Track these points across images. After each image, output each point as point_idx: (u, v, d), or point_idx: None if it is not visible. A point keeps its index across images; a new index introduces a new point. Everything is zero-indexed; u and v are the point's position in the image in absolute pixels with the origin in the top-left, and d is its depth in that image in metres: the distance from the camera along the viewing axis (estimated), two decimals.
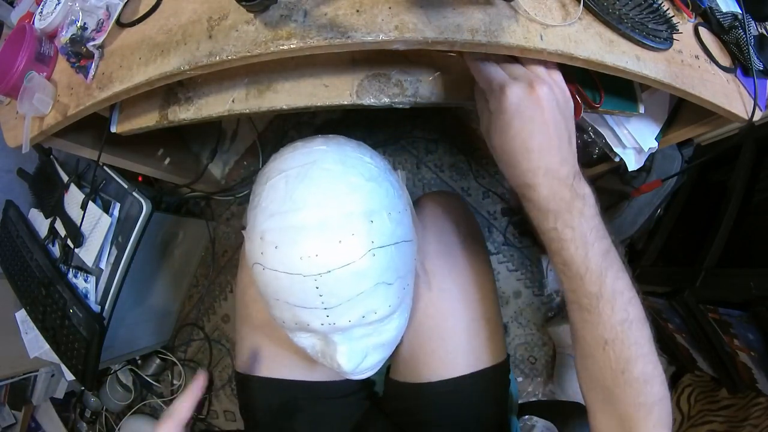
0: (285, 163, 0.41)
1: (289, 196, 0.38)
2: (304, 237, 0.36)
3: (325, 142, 0.43)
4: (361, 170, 0.41)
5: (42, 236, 0.84)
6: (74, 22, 0.57)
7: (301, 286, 0.37)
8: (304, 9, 0.46)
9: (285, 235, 0.37)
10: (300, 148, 0.43)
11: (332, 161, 0.40)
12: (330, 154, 0.41)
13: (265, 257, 0.37)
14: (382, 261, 0.38)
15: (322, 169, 0.39)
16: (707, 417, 0.96)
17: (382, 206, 0.39)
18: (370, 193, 0.39)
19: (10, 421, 1.17)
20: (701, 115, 0.66)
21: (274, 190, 0.39)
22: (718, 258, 0.77)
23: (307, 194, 0.38)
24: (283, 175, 0.40)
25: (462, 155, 1.27)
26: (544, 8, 0.49)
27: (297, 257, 0.36)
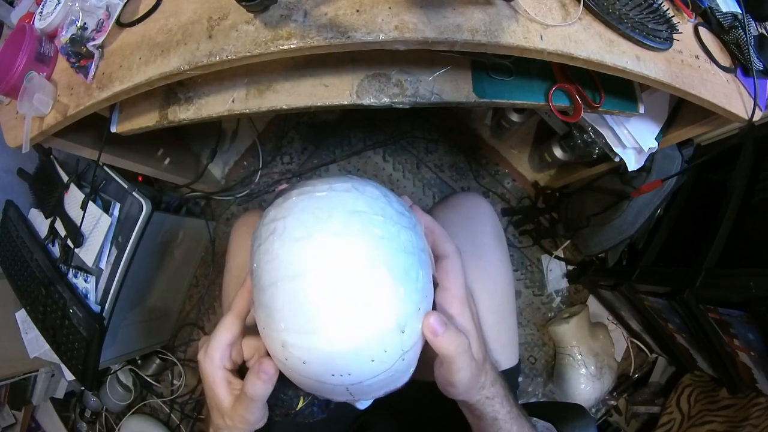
0: (299, 258, 0.33)
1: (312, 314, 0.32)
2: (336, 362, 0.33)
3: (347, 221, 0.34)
4: (391, 268, 0.33)
5: (42, 236, 0.84)
6: (74, 22, 0.57)
7: (332, 390, 0.35)
8: (304, 9, 0.46)
9: (312, 355, 0.33)
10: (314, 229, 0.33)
11: (359, 263, 0.33)
12: (355, 249, 0.33)
13: (291, 364, 0.34)
14: (411, 358, 0.36)
15: (347, 277, 0.32)
16: (707, 417, 0.96)
17: (415, 305, 0.34)
18: (402, 296, 0.33)
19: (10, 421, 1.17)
20: (701, 115, 0.66)
21: (292, 298, 0.33)
22: (718, 258, 0.77)
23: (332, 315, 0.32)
24: (300, 280, 0.33)
25: (462, 155, 1.27)
26: (544, 8, 0.49)
27: (328, 374, 0.33)
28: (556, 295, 1.26)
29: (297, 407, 0.49)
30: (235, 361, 0.40)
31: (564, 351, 1.15)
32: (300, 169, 1.31)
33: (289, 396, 0.48)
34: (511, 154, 1.27)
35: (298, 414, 0.49)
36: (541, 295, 1.25)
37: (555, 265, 1.25)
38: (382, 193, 0.37)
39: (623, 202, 0.93)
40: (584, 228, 1.04)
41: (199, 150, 1.30)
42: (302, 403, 0.49)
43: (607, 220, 0.97)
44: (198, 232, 1.26)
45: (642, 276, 0.92)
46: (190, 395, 1.28)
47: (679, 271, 0.82)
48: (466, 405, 0.41)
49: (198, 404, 1.28)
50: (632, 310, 1.03)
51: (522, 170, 1.27)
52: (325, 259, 0.33)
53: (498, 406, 0.41)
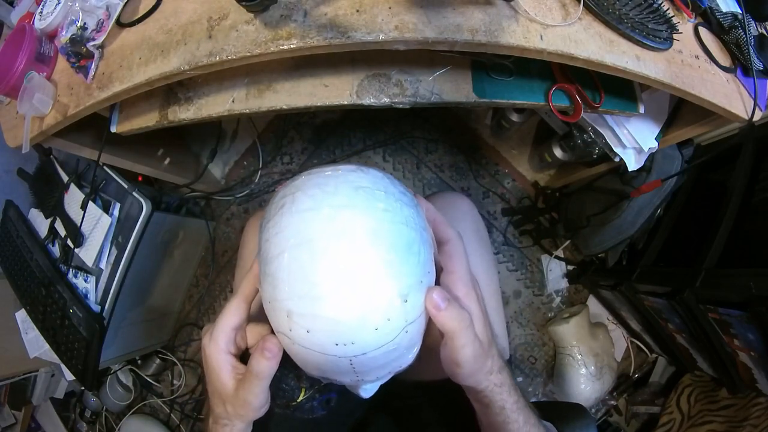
0: (306, 226, 0.34)
1: (318, 280, 0.33)
2: (340, 328, 0.34)
3: (353, 194, 0.36)
4: (394, 239, 0.35)
5: (42, 236, 0.84)
6: (74, 22, 0.57)
7: (335, 363, 0.36)
8: (304, 9, 0.46)
9: (317, 322, 0.34)
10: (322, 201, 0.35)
11: (364, 232, 0.34)
12: (360, 220, 0.34)
13: (295, 335, 0.35)
14: (414, 332, 0.36)
15: (351, 245, 0.34)
16: (707, 417, 0.96)
17: (417, 278, 0.35)
18: (406, 268, 0.35)
19: (10, 421, 1.17)
20: (701, 115, 0.66)
21: (298, 265, 0.34)
22: (718, 258, 0.77)
23: (339, 282, 0.33)
24: (306, 247, 0.34)
25: (462, 155, 1.27)
26: (544, 8, 0.49)
27: (332, 343, 0.34)
28: (556, 295, 1.26)
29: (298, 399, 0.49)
30: (240, 346, 0.40)
31: (564, 351, 1.15)
32: (300, 169, 1.31)
33: (290, 387, 0.48)
34: (511, 154, 1.27)
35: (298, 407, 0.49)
36: (541, 295, 1.25)
37: (555, 265, 1.25)
38: (384, 175, 0.39)
39: (623, 202, 0.93)
40: (584, 228, 1.04)
41: (199, 150, 1.30)
42: (303, 395, 0.49)
43: (607, 220, 0.97)
44: (198, 232, 1.26)
45: (642, 276, 0.92)
46: (190, 395, 1.28)
47: (679, 271, 0.82)
48: (473, 392, 0.41)
49: (198, 404, 1.28)
50: (632, 310, 1.03)
51: (522, 170, 1.27)
52: (331, 228, 0.34)
53: (506, 394, 0.40)
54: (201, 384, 1.28)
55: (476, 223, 0.66)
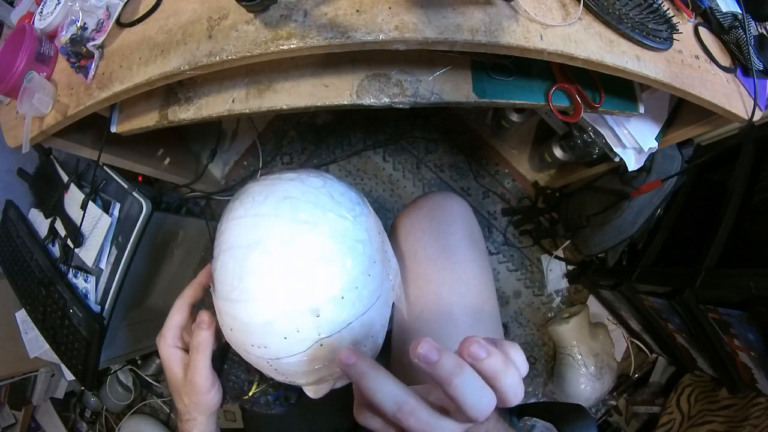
0: (233, 234, 0.38)
1: (236, 283, 0.36)
2: (252, 331, 0.36)
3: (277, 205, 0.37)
4: (311, 252, 0.35)
5: (42, 236, 0.84)
6: (74, 22, 0.57)
7: (257, 362, 0.39)
8: (304, 9, 0.46)
9: (236, 322, 0.37)
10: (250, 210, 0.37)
11: (278, 242, 0.35)
12: (278, 230, 0.36)
13: (225, 330, 0.39)
14: (332, 347, 0.36)
15: (266, 255, 0.35)
16: (707, 417, 0.96)
17: (334, 292, 0.35)
18: (319, 281, 0.35)
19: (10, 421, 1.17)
20: (701, 115, 0.66)
21: (224, 270, 0.37)
22: (718, 258, 0.77)
23: (250, 286, 0.35)
24: (230, 252, 0.37)
25: (462, 155, 1.27)
26: (544, 8, 0.49)
27: (249, 344, 0.37)
28: (556, 295, 1.26)
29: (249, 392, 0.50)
30: (186, 341, 0.45)
31: (564, 351, 1.15)
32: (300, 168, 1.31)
33: (240, 379, 0.49)
34: (511, 154, 1.27)
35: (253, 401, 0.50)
36: (541, 295, 1.25)
37: (555, 265, 1.25)
38: (325, 184, 0.41)
39: (623, 202, 0.93)
40: (584, 228, 1.04)
41: (199, 150, 1.30)
42: (255, 388, 0.50)
43: (607, 220, 0.97)
44: (198, 232, 1.26)
45: (642, 276, 0.92)
46: None
47: (679, 271, 0.82)
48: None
49: None
50: (632, 310, 1.03)
51: (522, 170, 1.27)
52: (251, 236, 0.36)
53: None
54: None
55: (469, 225, 0.64)
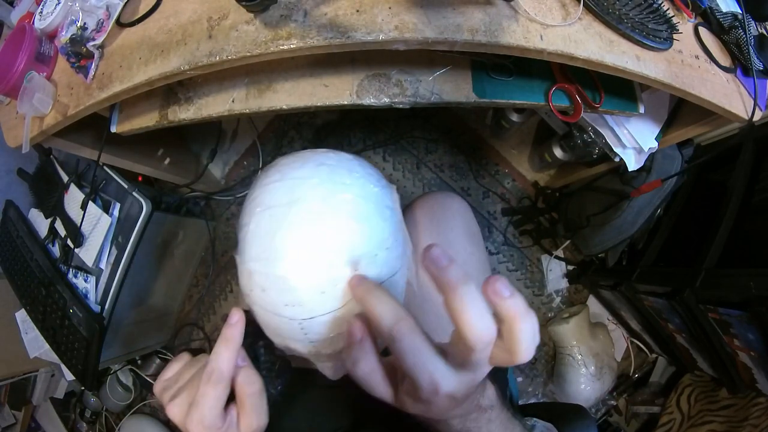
0: (270, 195, 0.38)
1: (272, 241, 0.36)
2: (287, 287, 0.36)
3: (315, 169, 0.39)
4: (349, 209, 0.37)
5: (42, 236, 0.84)
6: (74, 22, 0.57)
7: (288, 326, 0.37)
8: (304, 9, 0.46)
9: (270, 281, 0.36)
10: (288, 174, 0.39)
11: (318, 199, 0.37)
12: (317, 189, 0.37)
13: (254, 295, 0.38)
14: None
15: (307, 211, 0.36)
16: (707, 417, 0.96)
17: (369, 249, 0.37)
18: (357, 237, 0.36)
19: (10, 421, 1.17)
20: (701, 115, 0.66)
21: (258, 229, 0.37)
22: (718, 258, 0.77)
23: (289, 242, 0.35)
24: (267, 212, 0.37)
25: (462, 155, 1.27)
26: (544, 8, 0.49)
27: (282, 303, 0.36)
28: (556, 295, 1.26)
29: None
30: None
31: (564, 351, 1.15)
32: None
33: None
34: (511, 154, 1.27)
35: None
36: (541, 295, 1.25)
37: (555, 265, 1.25)
38: (355, 158, 0.43)
39: (623, 202, 0.93)
40: (584, 228, 1.04)
41: (199, 150, 1.30)
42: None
43: (607, 220, 0.97)
44: (198, 232, 1.26)
45: (642, 276, 0.92)
46: None
47: (679, 271, 0.82)
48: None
49: None
50: (632, 310, 1.03)
51: (522, 170, 1.27)
52: (291, 195, 0.37)
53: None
54: None
55: (468, 224, 0.65)
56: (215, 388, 0.32)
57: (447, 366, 0.27)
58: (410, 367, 0.27)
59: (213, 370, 0.32)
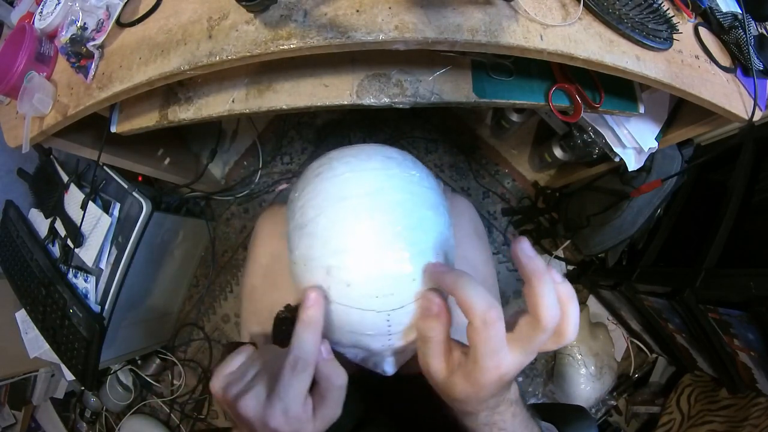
0: (343, 187, 0.36)
1: (358, 231, 0.34)
2: (381, 277, 0.34)
3: (385, 161, 0.39)
4: (425, 197, 0.38)
5: (42, 236, 0.84)
6: (74, 22, 0.57)
7: (372, 320, 0.36)
8: (304, 9, 0.46)
9: (357, 274, 0.34)
10: (358, 166, 0.37)
11: (398, 188, 0.36)
12: (394, 179, 0.37)
13: (334, 292, 0.35)
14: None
15: (389, 200, 0.36)
16: (707, 417, 0.95)
17: (444, 235, 0.38)
18: (434, 223, 0.37)
19: (10, 421, 1.17)
20: (701, 115, 0.66)
21: (338, 221, 0.35)
22: (718, 258, 0.77)
23: (378, 232, 0.34)
24: (345, 204, 0.35)
25: (462, 155, 1.27)
26: (544, 8, 0.49)
27: (372, 296, 0.35)
28: None
29: None
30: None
31: (564, 351, 1.15)
32: (300, 169, 1.31)
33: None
34: (511, 154, 1.27)
35: None
36: None
37: (555, 265, 1.25)
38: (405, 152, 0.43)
39: (623, 202, 0.93)
40: (584, 228, 1.04)
41: (199, 150, 1.30)
42: None
43: (607, 220, 0.97)
44: (198, 232, 1.26)
45: (642, 276, 0.92)
46: (190, 395, 1.28)
47: (679, 271, 0.82)
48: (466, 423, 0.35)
49: (198, 404, 1.28)
50: (632, 310, 1.03)
51: (522, 170, 1.27)
52: (369, 186, 0.36)
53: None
54: (201, 384, 1.28)
55: (474, 222, 0.67)
56: (300, 376, 0.31)
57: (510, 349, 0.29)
58: (488, 351, 0.29)
59: (297, 358, 0.31)
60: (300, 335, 0.32)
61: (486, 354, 0.28)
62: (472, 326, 0.29)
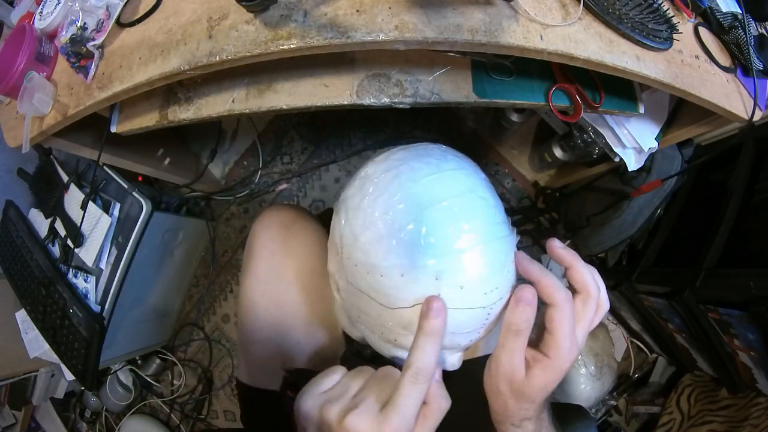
0: (436, 189, 0.36)
1: (462, 233, 0.35)
2: (486, 274, 0.35)
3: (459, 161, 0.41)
4: (491, 190, 0.40)
5: (42, 236, 0.84)
6: (74, 22, 0.57)
7: (475, 317, 0.36)
8: (304, 9, 0.46)
9: (467, 275, 0.35)
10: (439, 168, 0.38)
11: (482, 187, 0.39)
12: (471, 177, 0.39)
13: (447, 296, 0.34)
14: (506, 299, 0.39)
15: (479, 197, 0.37)
16: (707, 417, 0.95)
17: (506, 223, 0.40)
18: (502, 215, 0.40)
19: (10, 421, 1.17)
20: (701, 115, 0.66)
21: (440, 225, 0.35)
22: (718, 258, 0.77)
23: (477, 230, 0.35)
24: (443, 207, 0.35)
25: None
26: (544, 8, 0.49)
27: (482, 293, 0.35)
28: None
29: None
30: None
31: None
32: (300, 169, 1.31)
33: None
34: (511, 154, 1.27)
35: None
36: None
37: (555, 266, 1.25)
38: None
39: (623, 202, 0.93)
40: (584, 228, 1.04)
41: (199, 150, 1.30)
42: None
43: (607, 220, 0.97)
44: (198, 232, 1.26)
45: (642, 276, 0.92)
46: (190, 395, 1.28)
47: (679, 271, 0.82)
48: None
49: (198, 404, 1.28)
50: (632, 310, 1.03)
51: (522, 170, 1.27)
52: (457, 186, 0.37)
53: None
54: (201, 384, 1.28)
55: None
56: (420, 388, 0.29)
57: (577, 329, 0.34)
58: (567, 330, 0.33)
59: (419, 369, 0.30)
60: (423, 346, 0.31)
61: (565, 334, 0.32)
62: (555, 307, 0.33)
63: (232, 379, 1.28)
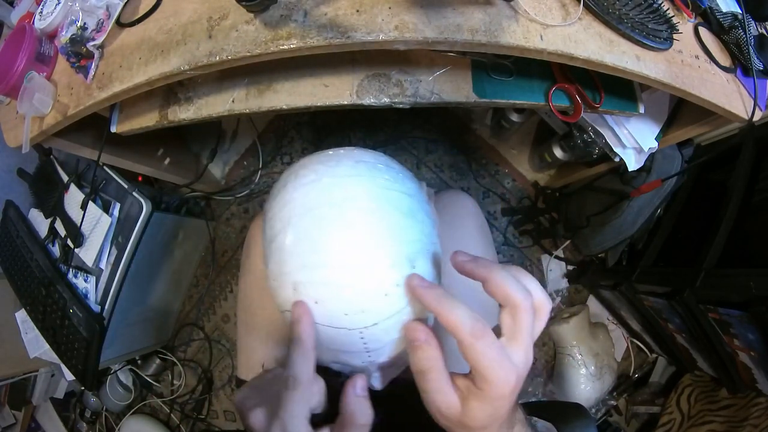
0: (309, 197, 0.34)
1: (324, 246, 0.32)
2: (348, 294, 0.32)
3: (354, 166, 0.36)
4: (398, 204, 0.34)
5: (42, 236, 0.84)
6: (74, 22, 0.57)
7: (346, 338, 0.34)
8: (304, 9, 0.46)
9: (325, 290, 0.32)
10: (325, 173, 0.35)
11: (366, 197, 0.34)
12: (362, 186, 0.34)
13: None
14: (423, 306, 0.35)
15: (357, 210, 0.33)
16: (707, 417, 0.96)
17: (423, 245, 0.35)
18: (410, 233, 0.34)
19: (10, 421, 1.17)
20: (701, 115, 0.66)
21: (304, 235, 0.33)
22: (718, 258, 0.77)
23: (345, 245, 0.32)
24: (311, 216, 0.33)
25: (462, 155, 1.27)
26: (544, 8, 0.49)
27: (342, 313, 0.33)
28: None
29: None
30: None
31: (564, 351, 1.15)
32: None
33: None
34: (511, 154, 1.27)
35: None
36: None
37: (555, 265, 1.25)
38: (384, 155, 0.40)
39: (623, 202, 0.93)
40: (584, 228, 1.04)
41: (199, 150, 1.30)
42: None
43: (607, 220, 0.97)
44: (198, 232, 1.26)
45: (642, 276, 0.92)
46: (190, 395, 1.28)
47: (679, 271, 0.82)
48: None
49: (198, 404, 1.28)
50: (632, 310, 1.03)
51: (522, 170, 1.27)
52: (333, 195, 0.34)
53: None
54: (201, 384, 1.28)
55: (480, 221, 0.67)
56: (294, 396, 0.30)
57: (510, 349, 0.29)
58: (491, 362, 0.28)
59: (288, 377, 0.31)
60: (290, 354, 0.32)
61: (491, 366, 0.28)
62: (463, 345, 0.28)
63: (232, 379, 1.28)
